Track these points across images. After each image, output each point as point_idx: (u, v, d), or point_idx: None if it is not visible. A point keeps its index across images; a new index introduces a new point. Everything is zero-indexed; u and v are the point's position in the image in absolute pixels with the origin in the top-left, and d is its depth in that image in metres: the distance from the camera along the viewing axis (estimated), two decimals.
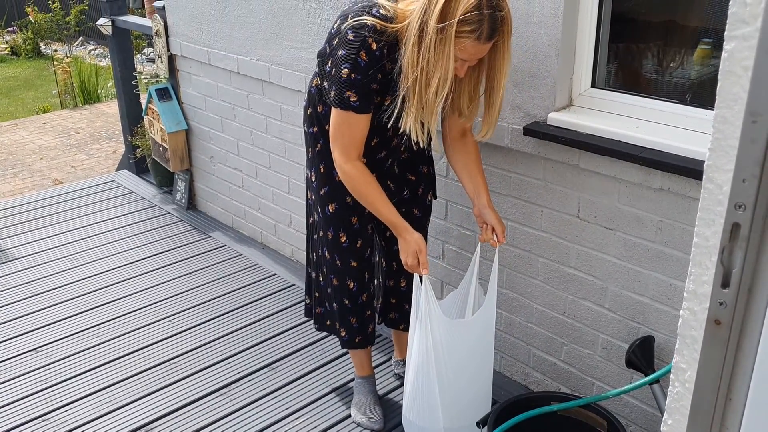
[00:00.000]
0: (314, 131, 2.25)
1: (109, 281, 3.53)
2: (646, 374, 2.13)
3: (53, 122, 6.95)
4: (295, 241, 3.62)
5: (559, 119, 2.21)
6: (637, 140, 2.06)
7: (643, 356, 2.17)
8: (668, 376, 2.07)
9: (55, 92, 7.84)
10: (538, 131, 2.24)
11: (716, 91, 0.73)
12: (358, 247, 2.34)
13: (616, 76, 2.34)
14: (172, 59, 4.05)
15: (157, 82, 4.24)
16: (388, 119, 2.09)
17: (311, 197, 2.37)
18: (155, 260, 3.74)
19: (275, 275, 3.55)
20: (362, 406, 2.56)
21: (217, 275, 3.57)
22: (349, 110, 2.01)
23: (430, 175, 2.42)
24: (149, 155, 4.46)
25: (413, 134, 2.00)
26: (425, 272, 2.10)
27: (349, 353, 2.77)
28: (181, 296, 3.39)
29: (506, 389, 2.65)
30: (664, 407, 2.07)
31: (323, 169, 2.25)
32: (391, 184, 2.34)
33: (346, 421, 2.56)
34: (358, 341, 2.50)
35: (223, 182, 4.01)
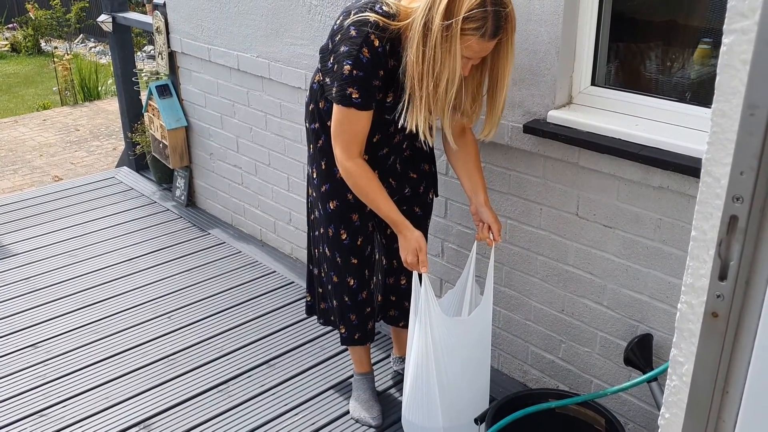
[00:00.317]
0: (316, 127, 2.25)
1: (108, 278, 3.53)
2: (644, 372, 2.13)
3: (53, 119, 6.95)
4: (294, 238, 3.62)
5: (558, 117, 2.22)
6: (636, 138, 2.06)
7: (641, 354, 2.17)
8: (666, 374, 2.08)
9: (55, 89, 7.84)
10: (537, 129, 2.24)
11: (715, 84, 0.73)
12: (358, 244, 2.34)
13: (615, 74, 2.34)
14: (172, 56, 4.05)
15: (157, 79, 4.24)
16: (390, 116, 2.09)
17: (312, 194, 2.37)
18: (154, 257, 3.74)
19: (274, 272, 3.55)
20: (361, 402, 2.57)
21: (216, 272, 3.58)
22: (350, 107, 2.01)
23: (431, 172, 2.42)
24: (149, 152, 4.47)
25: (421, 134, 2.00)
26: (425, 270, 2.10)
27: (348, 350, 2.78)
28: (179, 293, 3.40)
29: (504, 386, 2.65)
30: (662, 405, 2.08)
31: (324, 165, 2.25)
32: (392, 181, 2.34)
33: (344, 417, 2.57)
34: (357, 338, 2.50)
35: (222, 179, 4.01)
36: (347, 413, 2.58)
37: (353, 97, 2.00)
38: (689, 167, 1.93)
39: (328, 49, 2.09)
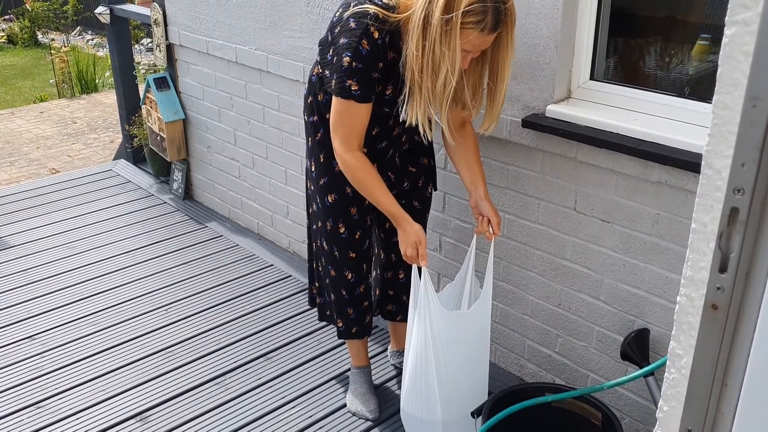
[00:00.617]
0: (314, 120, 2.24)
1: (105, 270, 3.53)
2: (640, 367, 2.14)
3: (50, 111, 6.93)
4: (291, 232, 3.61)
5: (557, 111, 2.21)
6: (635, 133, 2.06)
7: (638, 349, 2.18)
8: (663, 368, 2.08)
9: (52, 81, 7.82)
10: (536, 123, 2.24)
11: (716, 77, 0.73)
12: (356, 238, 2.34)
13: (614, 68, 2.34)
14: (170, 49, 4.04)
15: (155, 71, 4.23)
16: (389, 109, 2.09)
17: (310, 187, 2.37)
18: (151, 250, 3.73)
19: (272, 266, 3.55)
20: (358, 395, 2.57)
21: (213, 265, 3.57)
22: (350, 99, 2.01)
23: (430, 166, 2.42)
24: (147, 145, 4.45)
25: (420, 127, 2.00)
26: (424, 264, 2.10)
27: (345, 343, 2.78)
28: (177, 286, 3.39)
29: (501, 380, 2.65)
30: (658, 399, 2.08)
31: (323, 158, 2.25)
32: (391, 175, 2.34)
33: (341, 410, 2.57)
34: (354, 332, 2.50)
35: (220, 172, 4.00)
36: (344, 406, 2.58)
37: (352, 89, 1.99)
38: (687, 162, 1.93)
39: (327, 41, 2.09)
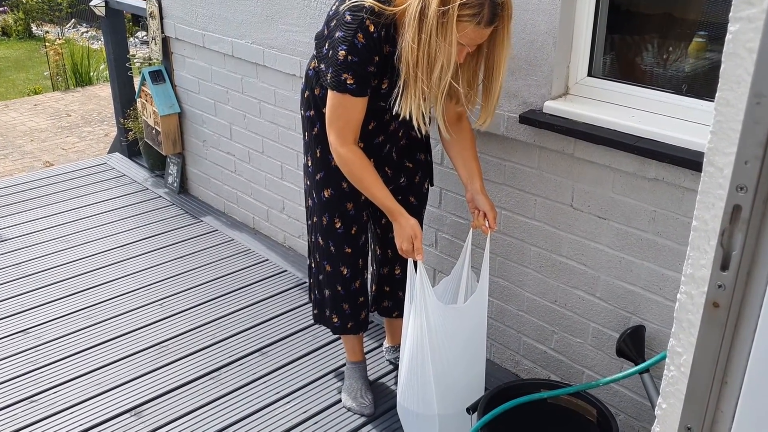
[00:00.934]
0: (311, 115, 2.23)
1: (99, 264, 3.52)
2: (636, 363, 2.14)
3: (44, 104, 6.90)
4: (287, 227, 3.61)
5: (555, 107, 2.21)
6: (632, 130, 2.06)
7: (633, 345, 2.18)
8: (658, 365, 2.08)
9: (46, 74, 7.78)
10: (533, 119, 2.24)
11: (719, 73, 0.72)
12: (352, 233, 2.33)
13: (612, 65, 2.33)
14: (166, 42, 4.02)
15: (150, 64, 4.21)
16: (385, 103, 2.08)
17: (307, 182, 2.36)
18: (146, 244, 3.72)
19: (267, 261, 3.54)
20: (353, 391, 2.56)
21: (208, 260, 3.56)
22: (345, 93, 2.00)
23: (427, 162, 2.41)
24: (141, 138, 4.43)
25: (415, 121, 2.00)
26: (420, 258, 2.09)
27: (340, 339, 2.77)
28: (172, 280, 3.38)
29: (496, 376, 2.65)
30: (653, 396, 2.09)
31: (319, 153, 2.24)
32: (388, 170, 2.33)
33: (336, 405, 2.57)
34: (350, 327, 2.49)
35: (215, 166, 3.99)
36: (339, 402, 2.58)
37: (348, 82, 1.98)
38: (685, 159, 1.93)
39: (323, 35, 2.08)
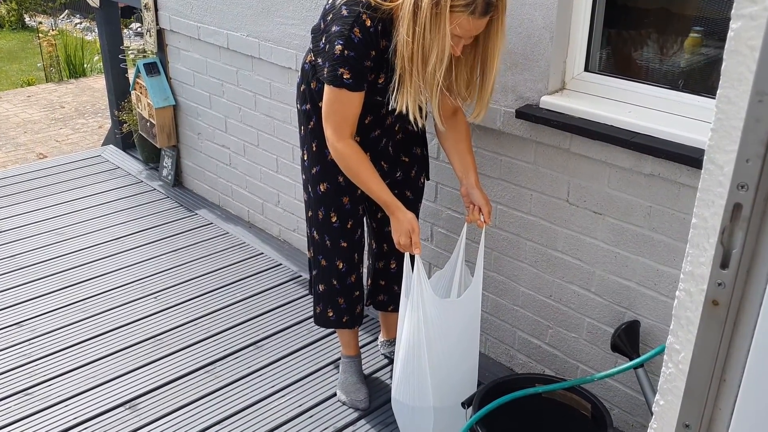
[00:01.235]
0: (307, 108, 2.23)
1: (94, 256, 3.50)
2: (630, 358, 2.15)
3: (38, 96, 6.86)
4: (282, 220, 3.60)
5: (551, 102, 2.21)
6: (628, 125, 2.06)
7: (628, 341, 2.19)
8: (653, 361, 2.09)
9: (40, 65, 7.73)
10: (530, 114, 2.23)
11: (719, 70, 0.72)
12: (348, 227, 2.33)
13: (609, 60, 2.33)
14: (161, 33, 3.99)
15: (144, 57, 4.18)
16: (382, 98, 2.07)
17: (303, 175, 2.36)
18: (141, 237, 3.71)
19: (262, 254, 3.54)
20: (348, 385, 2.57)
21: (203, 253, 3.55)
22: (342, 87, 1.99)
23: (423, 156, 2.41)
24: (136, 131, 4.42)
25: (411, 115, 1.99)
26: (418, 252, 2.09)
27: (335, 333, 2.77)
28: (166, 273, 3.37)
29: (491, 371, 2.66)
30: (647, 391, 2.09)
31: (315, 147, 2.24)
32: (384, 164, 2.33)
33: (331, 399, 2.57)
34: (345, 321, 2.49)
35: (210, 159, 3.98)
36: (334, 395, 2.58)
37: (344, 77, 1.98)
38: (681, 155, 1.93)
39: (320, 29, 2.07)
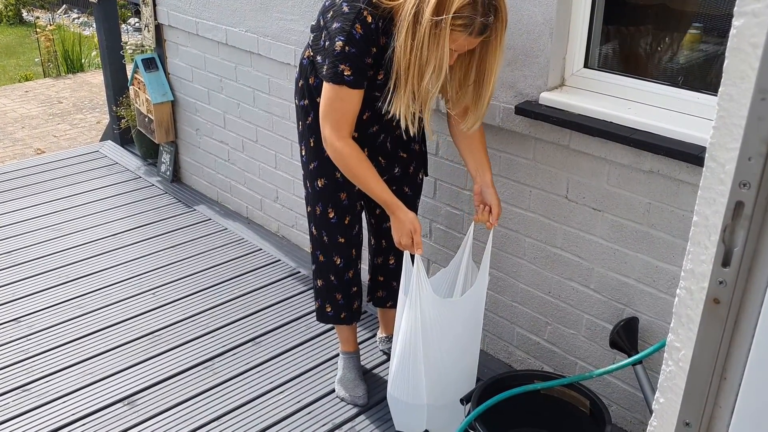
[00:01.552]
0: (305, 104, 2.22)
1: (92, 252, 3.50)
2: (629, 355, 2.15)
3: (35, 91, 6.84)
4: (281, 216, 3.60)
5: (551, 99, 2.21)
6: (628, 122, 2.06)
7: (626, 337, 2.19)
8: (651, 357, 2.09)
9: (37, 60, 7.71)
10: (529, 111, 2.23)
11: (721, 68, 0.72)
12: (346, 223, 2.32)
13: (608, 57, 2.33)
14: (159, 29, 3.98)
15: (142, 52, 4.17)
16: (381, 93, 2.07)
17: (302, 171, 2.35)
18: (138, 232, 3.70)
19: (260, 250, 3.53)
20: (346, 381, 2.57)
21: (201, 249, 3.55)
22: (342, 84, 1.98)
23: (421, 152, 2.41)
24: (134, 126, 4.41)
25: (402, 122, 2.00)
26: (419, 252, 2.08)
27: (334, 329, 2.77)
28: (164, 269, 3.37)
29: (489, 367, 2.66)
30: (646, 388, 2.10)
31: (313, 143, 2.23)
32: (382, 160, 2.32)
33: (330, 395, 2.57)
34: (343, 317, 2.49)
35: (208, 155, 3.97)
36: (333, 392, 2.58)
37: (345, 74, 1.97)
38: (680, 152, 1.92)
39: (319, 26, 2.06)
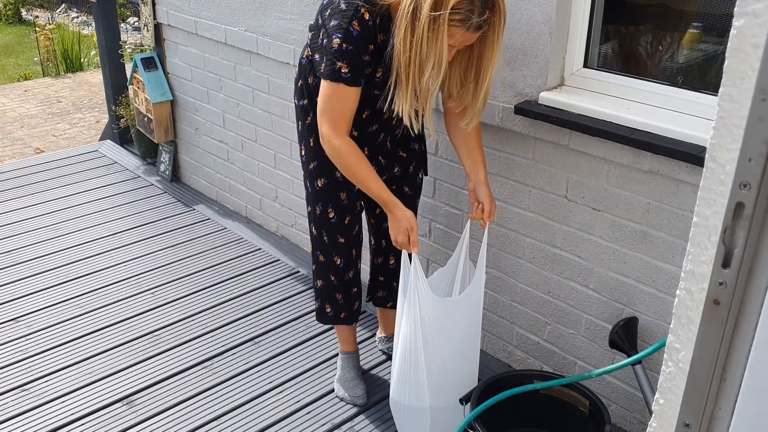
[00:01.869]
0: (304, 104, 2.22)
1: (91, 252, 3.49)
2: (628, 355, 2.14)
3: (35, 90, 6.83)
4: (280, 216, 3.59)
5: (550, 98, 2.20)
6: (627, 121, 2.06)
7: (626, 337, 2.18)
8: (650, 357, 2.09)
9: (36, 59, 7.70)
10: (529, 110, 2.23)
11: (722, 68, 0.72)
12: (346, 223, 2.32)
13: (608, 56, 2.32)
14: (158, 28, 3.98)
15: (141, 51, 4.17)
16: (380, 92, 2.07)
17: (303, 171, 2.35)
18: (138, 232, 3.70)
19: (260, 250, 3.53)
20: (346, 381, 2.56)
21: (200, 249, 3.55)
22: (339, 82, 1.98)
23: (421, 152, 2.40)
24: (133, 126, 4.40)
25: (406, 119, 2.00)
26: (416, 250, 2.08)
27: (333, 328, 2.77)
28: (163, 269, 3.37)
29: (489, 367, 2.66)
30: (645, 388, 2.09)
31: (312, 143, 2.23)
32: (382, 159, 2.32)
33: (329, 395, 2.57)
34: (343, 317, 2.49)
35: (208, 155, 3.96)
36: (332, 391, 2.58)
37: (342, 71, 1.97)
38: (680, 152, 1.92)
39: (317, 24, 2.06)
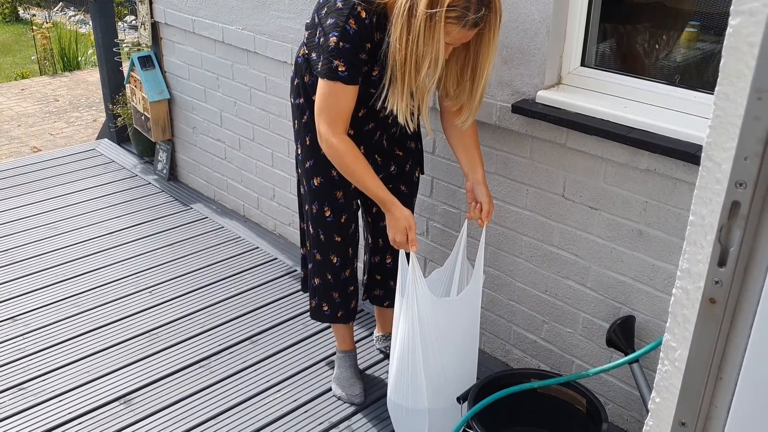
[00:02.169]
0: (300, 102, 2.22)
1: (88, 251, 3.49)
2: (626, 353, 2.15)
3: (32, 89, 6.82)
4: (277, 214, 3.59)
5: (547, 97, 2.20)
6: (625, 120, 2.06)
7: (623, 336, 2.19)
8: (647, 355, 2.09)
9: (33, 58, 7.69)
10: (526, 109, 2.23)
11: (718, 67, 0.72)
12: (342, 222, 2.32)
13: (605, 55, 2.33)
14: (155, 27, 3.97)
15: (138, 50, 4.16)
16: (376, 90, 2.07)
17: (298, 169, 2.35)
18: (135, 231, 3.69)
19: (257, 248, 3.53)
20: (343, 380, 2.56)
21: (198, 247, 3.54)
22: (336, 80, 1.98)
23: (418, 150, 2.40)
24: (131, 124, 4.40)
25: (401, 118, 2.00)
26: (414, 249, 2.08)
27: (331, 327, 2.77)
28: (161, 267, 3.36)
29: (486, 366, 2.66)
30: (642, 386, 2.10)
31: (309, 141, 2.23)
32: (378, 158, 2.32)
33: (326, 394, 2.56)
34: (340, 316, 2.49)
35: (205, 153, 3.96)
36: (330, 390, 2.58)
37: (339, 70, 1.97)
38: (677, 150, 1.92)
39: (314, 23, 2.06)
